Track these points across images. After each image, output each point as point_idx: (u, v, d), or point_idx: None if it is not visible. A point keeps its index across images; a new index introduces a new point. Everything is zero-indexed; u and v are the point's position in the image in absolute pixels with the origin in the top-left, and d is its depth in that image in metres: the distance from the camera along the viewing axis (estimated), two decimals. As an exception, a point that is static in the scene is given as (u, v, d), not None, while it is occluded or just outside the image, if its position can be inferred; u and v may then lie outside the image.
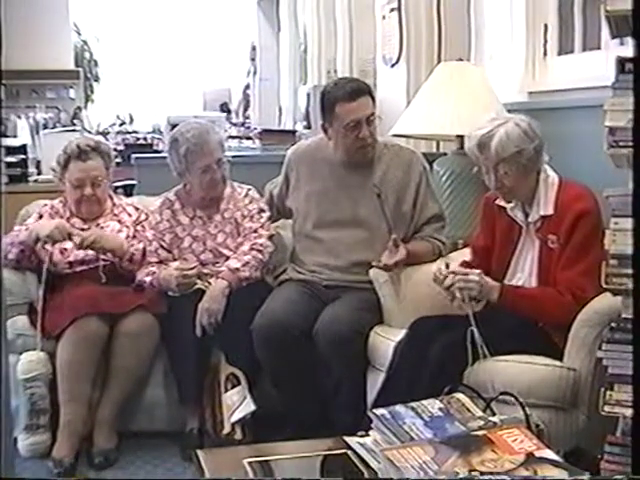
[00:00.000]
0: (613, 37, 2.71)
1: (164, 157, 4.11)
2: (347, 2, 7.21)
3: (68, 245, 3.93)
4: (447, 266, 3.25)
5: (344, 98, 3.69)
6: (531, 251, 3.31)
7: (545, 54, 4.47)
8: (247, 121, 10.29)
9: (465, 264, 3.42)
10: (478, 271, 3.20)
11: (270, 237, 4.00)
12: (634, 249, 2.35)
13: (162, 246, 3.98)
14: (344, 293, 3.70)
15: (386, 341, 3.45)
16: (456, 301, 3.17)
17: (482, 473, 2.12)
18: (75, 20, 11.95)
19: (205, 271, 3.87)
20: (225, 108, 9.88)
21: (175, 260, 3.93)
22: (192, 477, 3.18)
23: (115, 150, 4.91)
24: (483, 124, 3.26)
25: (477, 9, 5.07)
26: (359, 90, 3.73)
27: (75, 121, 9.90)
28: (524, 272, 3.31)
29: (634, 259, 2.36)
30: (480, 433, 2.31)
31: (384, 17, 6.00)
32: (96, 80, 12.95)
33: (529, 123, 3.22)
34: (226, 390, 3.65)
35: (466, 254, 3.61)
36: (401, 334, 3.33)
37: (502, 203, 3.35)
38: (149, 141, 8.14)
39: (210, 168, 3.91)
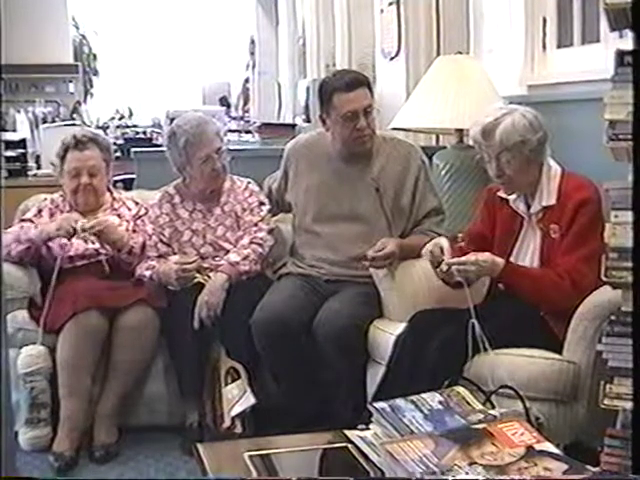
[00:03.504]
0: (612, 30, 2.70)
1: (163, 151, 4.11)
2: (345, -4, 7.22)
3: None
4: (442, 250, 3.24)
5: (341, 88, 3.69)
6: (532, 242, 3.31)
7: (544, 47, 4.46)
8: (246, 115, 10.29)
9: (459, 250, 3.40)
10: (472, 258, 3.19)
11: (270, 231, 4.00)
12: (634, 242, 2.35)
13: (162, 240, 3.98)
14: (344, 287, 3.70)
15: (386, 335, 3.45)
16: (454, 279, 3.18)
17: (483, 466, 2.13)
18: (73, 14, 11.94)
19: (205, 265, 3.87)
20: (224, 102, 9.89)
21: (175, 254, 3.94)
22: (193, 471, 3.17)
23: (114, 144, 4.92)
24: (490, 112, 3.27)
25: (476, 2, 5.07)
26: (357, 81, 3.73)
27: (74, 115, 9.90)
28: (525, 262, 3.31)
29: (634, 252, 2.36)
30: (480, 426, 2.32)
31: (382, 11, 6.00)
32: (95, 74, 12.94)
33: (535, 115, 3.24)
34: (226, 384, 3.66)
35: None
36: (401, 328, 3.33)
37: (504, 194, 3.35)
38: (148, 135, 8.13)
39: (210, 158, 3.91)
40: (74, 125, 7.65)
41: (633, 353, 2.34)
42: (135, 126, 9.48)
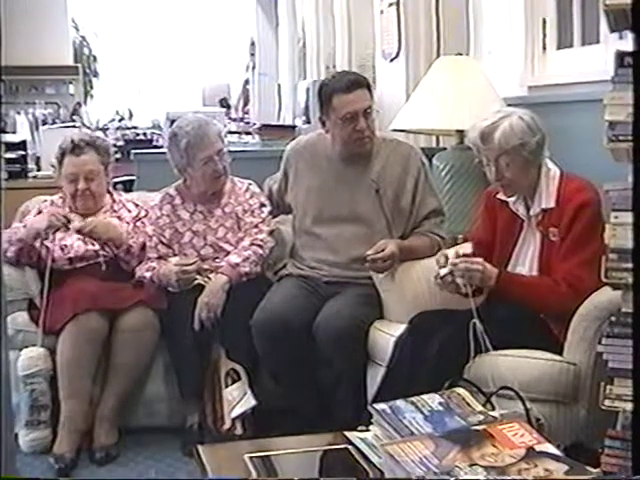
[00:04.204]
0: (612, 31, 2.70)
1: (164, 152, 4.11)
2: (345, -3, 7.22)
3: (68, 241, 3.93)
4: (446, 258, 3.25)
5: (341, 90, 3.69)
6: (532, 244, 3.31)
7: (544, 48, 4.46)
8: (246, 116, 10.28)
9: (465, 257, 3.40)
10: (480, 259, 3.20)
11: (270, 232, 4.01)
12: (634, 243, 2.35)
13: (162, 241, 3.99)
14: (344, 288, 3.70)
15: (386, 336, 3.45)
16: (459, 289, 3.17)
17: (483, 467, 2.13)
18: (73, 16, 11.94)
19: (205, 266, 3.87)
20: (224, 103, 9.87)
21: (175, 255, 3.94)
22: (193, 472, 3.17)
23: (114, 146, 4.92)
24: (487, 116, 3.27)
25: (476, 3, 5.07)
26: (356, 82, 3.73)
27: (74, 117, 9.89)
28: (525, 265, 3.31)
29: (634, 253, 2.35)
30: (480, 427, 2.32)
31: (382, 12, 6.00)
32: (95, 76, 12.94)
33: (532, 117, 3.23)
34: (226, 385, 3.66)
35: (465, 249, 3.60)
36: (401, 329, 3.33)
37: (503, 197, 3.35)
38: (149, 137, 8.14)
39: (211, 159, 3.91)
40: (74, 127, 7.64)
41: (633, 354, 2.33)
42: (135, 128, 9.48)
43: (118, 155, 5.20)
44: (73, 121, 9.26)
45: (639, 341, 2.33)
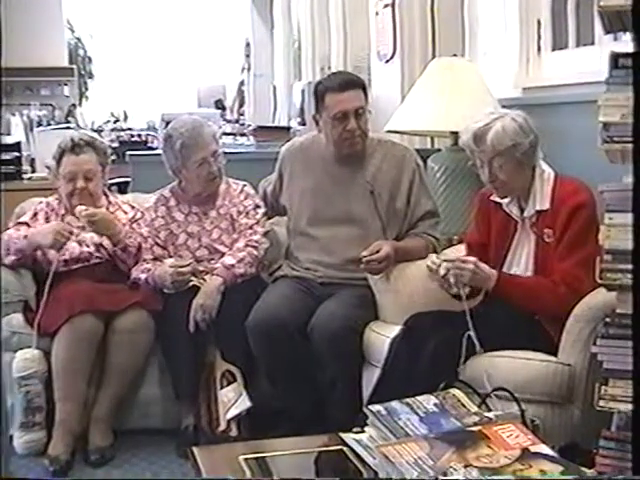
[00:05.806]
0: (606, 32, 2.71)
1: (159, 154, 4.11)
2: (341, -2, 7.22)
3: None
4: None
5: (333, 88, 3.70)
6: (527, 246, 3.31)
7: (539, 50, 4.47)
8: (241, 118, 10.28)
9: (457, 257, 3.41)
10: (473, 259, 3.20)
11: (265, 233, 4.00)
12: (634, 245, 2.35)
13: (157, 243, 3.98)
14: (339, 290, 3.70)
15: (381, 337, 3.45)
16: (452, 289, 3.17)
17: (478, 468, 2.13)
18: (68, 17, 11.94)
19: (200, 268, 3.87)
20: (220, 105, 9.87)
21: (170, 257, 3.93)
22: (188, 474, 3.17)
23: (109, 147, 4.91)
24: (480, 118, 3.27)
25: (471, 5, 5.07)
26: (350, 82, 3.73)
27: (69, 118, 9.89)
28: (520, 267, 3.32)
29: (634, 255, 2.35)
30: (475, 429, 2.32)
31: (377, 13, 6.00)
32: (90, 77, 12.95)
33: (525, 118, 3.23)
34: (222, 387, 3.66)
35: (460, 250, 3.61)
36: (396, 330, 3.33)
37: (497, 199, 3.35)
38: (143, 138, 8.14)
39: (206, 161, 3.91)
40: (69, 128, 7.64)
41: (633, 355, 2.33)
42: (130, 129, 9.48)
43: (113, 157, 5.20)
44: (68, 122, 9.26)
45: (639, 342, 2.33)
